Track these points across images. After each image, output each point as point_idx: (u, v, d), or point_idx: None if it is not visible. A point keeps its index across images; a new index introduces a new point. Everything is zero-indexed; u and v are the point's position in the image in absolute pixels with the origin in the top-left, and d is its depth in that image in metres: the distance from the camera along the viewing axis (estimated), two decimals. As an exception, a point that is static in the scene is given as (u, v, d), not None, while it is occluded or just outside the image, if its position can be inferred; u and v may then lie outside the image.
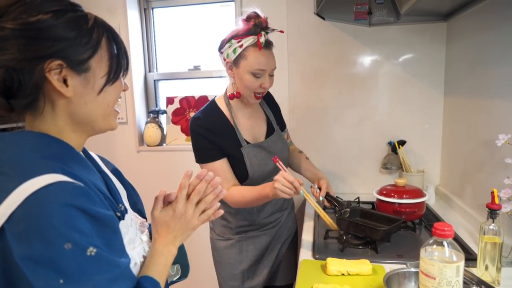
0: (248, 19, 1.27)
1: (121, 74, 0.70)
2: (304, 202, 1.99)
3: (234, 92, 1.34)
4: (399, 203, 1.45)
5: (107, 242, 0.59)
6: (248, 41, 1.26)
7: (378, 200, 1.52)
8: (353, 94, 1.94)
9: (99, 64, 0.66)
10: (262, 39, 1.25)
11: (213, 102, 1.42)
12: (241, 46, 1.26)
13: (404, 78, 1.88)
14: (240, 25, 1.28)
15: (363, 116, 1.95)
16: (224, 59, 1.32)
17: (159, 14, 2.30)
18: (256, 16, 1.27)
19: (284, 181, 1.19)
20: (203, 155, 1.36)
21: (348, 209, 1.41)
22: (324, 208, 1.44)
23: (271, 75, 1.33)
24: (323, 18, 1.88)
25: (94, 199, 0.59)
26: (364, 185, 1.98)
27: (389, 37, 1.86)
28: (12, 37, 0.58)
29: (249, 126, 1.43)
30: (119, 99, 0.74)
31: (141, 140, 2.27)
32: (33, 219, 0.53)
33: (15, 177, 0.56)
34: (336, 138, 2.00)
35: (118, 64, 0.69)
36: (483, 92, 1.42)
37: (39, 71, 0.60)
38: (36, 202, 0.54)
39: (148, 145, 2.25)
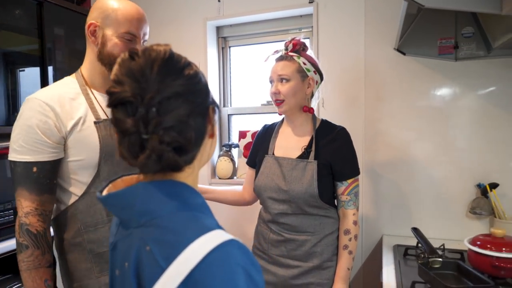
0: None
1: None
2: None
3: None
4: (497, 257, 1.29)
5: None
6: None
7: (471, 251, 1.37)
8: (435, 131, 1.82)
9: None
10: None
11: None
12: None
13: (497, 114, 1.72)
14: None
15: (448, 154, 1.81)
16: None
17: (235, 52, 2.40)
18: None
19: None
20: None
21: (440, 259, 1.28)
22: None
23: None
24: (404, 54, 1.81)
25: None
26: (449, 231, 1.81)
27: (477, 71, 1.72)
28: None
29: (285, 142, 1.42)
30: None
31: (213, 172, 2.33)
32: None
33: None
34: (416, 176, 1.86)
35: None
36: None
37: None
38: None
39: (219, 178, 2.29)
